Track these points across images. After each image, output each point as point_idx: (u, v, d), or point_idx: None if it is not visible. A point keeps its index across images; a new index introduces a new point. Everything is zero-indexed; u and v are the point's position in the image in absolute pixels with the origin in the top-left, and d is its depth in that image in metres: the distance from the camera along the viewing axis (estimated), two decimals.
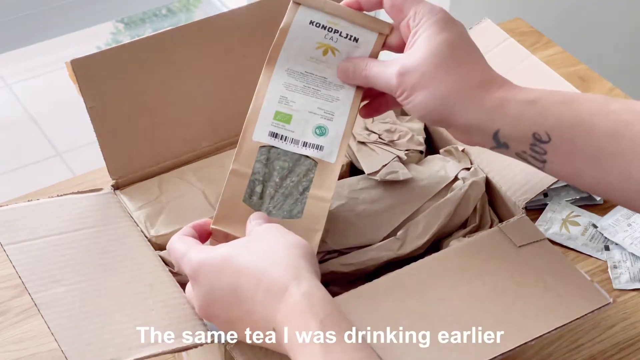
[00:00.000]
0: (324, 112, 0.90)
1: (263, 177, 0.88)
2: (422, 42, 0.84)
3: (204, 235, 0.86)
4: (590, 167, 0.80)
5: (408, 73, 0.84)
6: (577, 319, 0.84)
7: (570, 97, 0.81)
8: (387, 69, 0.86)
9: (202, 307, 0.79)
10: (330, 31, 0.91)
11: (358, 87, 0.91)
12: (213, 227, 0.86)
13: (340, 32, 0.91)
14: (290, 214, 0.87)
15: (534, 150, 0.82)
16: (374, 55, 0.91)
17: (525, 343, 0.82)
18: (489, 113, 0.82)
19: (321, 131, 0.89)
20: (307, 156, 0.89)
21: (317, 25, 0.91)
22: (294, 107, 0.90)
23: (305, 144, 0.89)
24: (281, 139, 0.89)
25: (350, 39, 0.91)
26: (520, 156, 0.83)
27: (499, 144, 0.83)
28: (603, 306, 0.85)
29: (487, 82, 0.84)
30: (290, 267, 0.75)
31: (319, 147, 0.89)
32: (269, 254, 0.77)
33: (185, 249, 0.81)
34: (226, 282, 0.77)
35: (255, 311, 0.76)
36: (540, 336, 0.83)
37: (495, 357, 0.81)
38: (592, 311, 0.85)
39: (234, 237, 0.84)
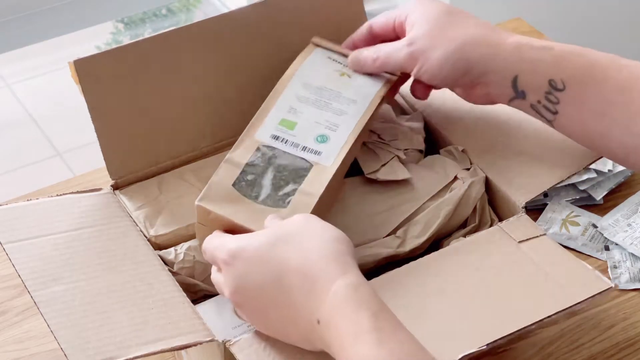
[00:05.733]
0: (329, 124, 0.92)
1: (256, 170, 0.88)
2: (419, 17, 0.89)
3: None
4: (596, 118, 0.84)
5: (417, 41, 0.87)
6: (579, 302, 0.84)
7: (582, 49, 0.85)
8: (396, 44, 0.90)
9: (235, 291, 0.79)
10: (346, 67, 0.96)
11: (370, 105, 0.94)
12: (197, 204, 0.86)
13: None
14: (276, 204, 0.87)
15: (548, 99, 0.85)
16: (388, 86, 0.96)
17: (526, 327, 0.82)
18: (506, 58, 0.85)
19: (322, 139, 0.91)
20: (304, 159, 0.89)
21: (335, 60, 0.97)
22: (301, 117, 0.92)
23: (304, 148, 0.90)
24: (282, 142, 0.90)
25: (363, 74, 0.96)
26: (534, 108, 0.87)
27: (517, 93, 0.87)
28: (604, 290, 0.85)
29: (498, 31, 0.87)
30: (339, 262, 0.76)
31: (317, 153, 0.90)
32: (317, 248, 0.76)
33: (223, 238, 0.82)
34: (269, 270, 0.77)
35: (297, 302, 0.76)
36: (542, 320, 0.82)
37: (496, 340, 0.81)
38: (594, 295, 0.85)
39: (217, 215, 0.85)
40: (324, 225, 0.79)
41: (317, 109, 0.93)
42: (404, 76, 0.98)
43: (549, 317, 0.83)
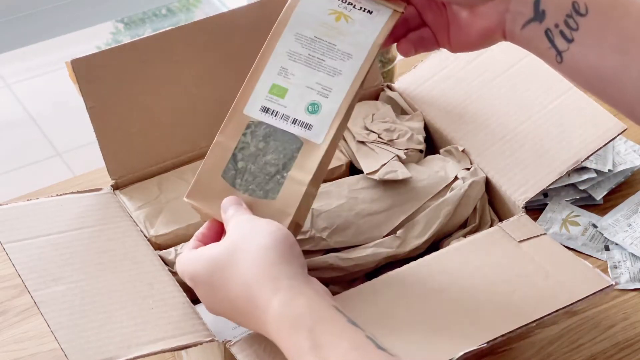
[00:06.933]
0: (321, 88, 0.86)
1: (246, 153, 0.85)
2: None
3: (212, 237, 0.85)
4: (615, 52, 0.80)
5: None
6: (580, 300, 0.84)
7: None
8: None
9: (209, 310, 0.81)
10: (345, 2, 0.88)
11: (366, 60, 0.87)
12: (186, 200, 0.84)
13: (354, 5, 0.88)
14: (266, 194, 0.84)
15: (567, 24, 0.80)
16: (388, 30, 0.88)
17: (527, 324, 0.82)
18: None
19: (313, 108, 0.86)
20: (294, 135, 0.85)
21: None
22: (292, 81, 0.86)
23: (294, 121, 0.86)
24: (272, 114, 0.86)
25: (364, 10, 0.88)
26: (549, 34, 0.82)
27: (537, 13, 0.81)
28: (605, 287, 0.85)
29: None
30: (270, 279, 0.75)
31: (308, 126, 0.86)
32: (249, 269, 0.76)
33: (183, 257, 0.82)
34: (221, 299, 0.78)
35: (253, 323, 0.77)
36: (542, 318, 0.82)
37: (496, 338, 0.81)
38: (595, 293, 0.85)
39: (206, 213, 0.84)
40: (253, 233, 0.78)
41: (309, 68, 0.86)
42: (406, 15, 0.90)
43: (549, 314, 0.83)
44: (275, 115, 0.86)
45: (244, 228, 0.79)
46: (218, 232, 0.84)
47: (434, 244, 0.96)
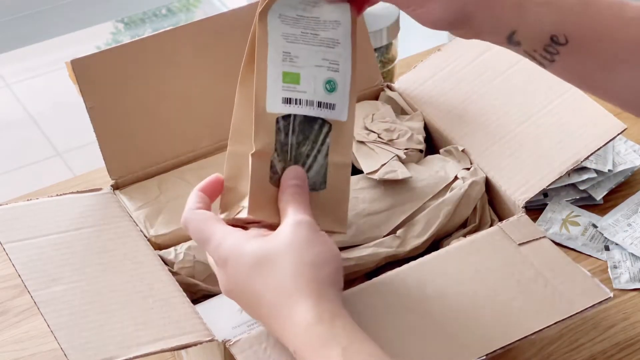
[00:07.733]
0: (329, 63, 0.84)
1: (282, 153, 0.83)
2: None
3: (215, 195, 0.84)
4: (601, 71, 0.79)
5: None
6: (578, 312, 0.84)
7: (585, 0, 0.79)
8: None
9: (227, 292, 0.80)
10: None
11: (352, 20, 0.84)
12: (249, 217, 0.81)
13: None
14: (313, 185, 0.83)
15: (547, 50, 0.79)
16: None
17: (526, 337, 0.82)
18: (506, 15, 0.79)
19: (331, 86, 0.84)
20: (321, 118, 0.83)
21: None
22: (299, 63, 0.83)
23: (319, 104, 0.83)
24: (296, 104, 0.83)
25: None
26: (528, 54, 0.81)
27: (511, 42, 0.80)
28: (603, 300, 0.85)
29: None
30: (312, 293, 0.75)
31: (332, 106, 0.84)
32: (292, 277, 0.76)
33: (210, 232, 0.80)
34: (253, 289, 0.77)
35: (276, 327, 0.76)
36: (541, 330, 0.82)
37: (495, 351, 0.81)
38: (593, 305, 0.85)
39: (268, 223, 0.82)
40: (308, 245, 0.78)
41: (309, 45, 0.83)
42: None
43: (548, 327, 0.83)
44: (299, 103, 0.83)
45: (298, 233, 0.78)
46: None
47: (434, 244, 0.96)
